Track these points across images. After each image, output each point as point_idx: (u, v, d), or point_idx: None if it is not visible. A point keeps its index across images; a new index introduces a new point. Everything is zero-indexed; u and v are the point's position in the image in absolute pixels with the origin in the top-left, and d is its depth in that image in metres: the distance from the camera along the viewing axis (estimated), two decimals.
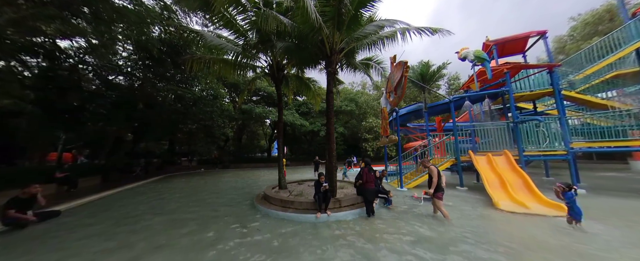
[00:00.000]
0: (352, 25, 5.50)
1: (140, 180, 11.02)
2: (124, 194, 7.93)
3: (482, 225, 4.19)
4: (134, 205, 6.15)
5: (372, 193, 4.97)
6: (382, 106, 9.49)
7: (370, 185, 4.97)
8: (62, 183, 7.84)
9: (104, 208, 5.84)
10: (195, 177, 13.31)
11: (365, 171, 5.08)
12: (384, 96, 9.36)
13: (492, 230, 3.96)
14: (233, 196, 7.23)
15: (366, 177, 5.00)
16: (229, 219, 4.73)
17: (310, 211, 4.78)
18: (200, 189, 8.88)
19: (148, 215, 5.12)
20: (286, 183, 7.13)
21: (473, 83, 9.09)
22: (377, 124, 21.44)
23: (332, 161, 5.59)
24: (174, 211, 5.37)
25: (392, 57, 8.42)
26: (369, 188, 4.93)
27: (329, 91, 5.85)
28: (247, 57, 7.11)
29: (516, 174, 6.52)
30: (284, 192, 6.54)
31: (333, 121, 5.78)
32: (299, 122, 20.27)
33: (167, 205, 6.06)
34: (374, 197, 5.08)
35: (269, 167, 22.21)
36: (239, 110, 18.32)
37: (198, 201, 6.52)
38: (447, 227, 4.07)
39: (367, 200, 4.81)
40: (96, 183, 9.75)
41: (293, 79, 9.61)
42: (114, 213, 5.25)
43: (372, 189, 4.98)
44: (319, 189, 4.75)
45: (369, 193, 4.90)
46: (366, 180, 4.98)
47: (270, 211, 4.99)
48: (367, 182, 4.97)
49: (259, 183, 10.46)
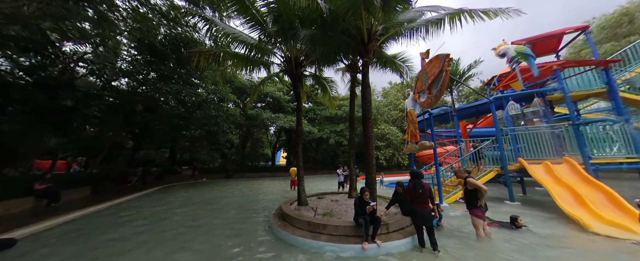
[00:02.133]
0: (398, 3, 4.53)
1: (136, 192, 9.84)
2: (113, 210, 6.76)
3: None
4: (119, 226, 4.97)
5: (426, 217, 3.46)
6: (409, 108, 8.44)
7: (422, 206, 3.52)
8: (41, 196, 6.69)
9: (80, 231, 4.65)
10: (197, 188, 12.10)
11: (410, 187, 3.68)
12: (411, 97, 8.31)
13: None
14: (244, 214, 6.03)
15: (413, 194, 3.60)
16: (242, 252, 3.54)
17: (351, 239, 3.59)
18: (202, 204, 7.68)
19: (132, 243, 3.94)
20: (307, 198, 5.93)
21: (514, 82, 8.04)
22: (390, 131, 20.33)
23: (372, 172, 4.45)
24: (165, 239, 4.19)
25: (425, 52, 7.46)
26: (421, 210, 3.50)
27: (365, 85, 4.83)
28: (262, 52, 6.18)
29: (592, 186, 5.30)
30: (306, 210, 5.34)
31: (371, 121, 4.70)
32: (307, 129, 19.20)
33: (160, 227, 4.87)
34: (428, 223, 3.46)
35: (275, 177, 20.96)
36: (244, 115, 17.34)
37: (199, 222, 5.34)
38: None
39: (418, 226, 3.54)
40: (85, 195, 8.58)
41: (309, 79, 8.68)
42: (89, 240, 4.07)
43: (425, 211, 3.49)
44: (363, 209, 3.57)
45: (421, 217, 3.47)
46: (415, 199, 3.57)
47: (294, 239, 3.80)
48: (417, 201, 3.54)
49: (269, 197, 9.22)
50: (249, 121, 17.59)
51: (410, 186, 3.70)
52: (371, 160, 4.51)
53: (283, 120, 17.35)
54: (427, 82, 6.94)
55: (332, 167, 26.02)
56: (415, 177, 3.69)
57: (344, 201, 6.39)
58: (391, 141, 20.87)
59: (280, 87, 20.43)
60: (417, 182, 3.60)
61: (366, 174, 4.53)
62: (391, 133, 20.46)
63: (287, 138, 25.69)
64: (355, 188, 7.21)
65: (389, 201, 4.44)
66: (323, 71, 8.39)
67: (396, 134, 20.86)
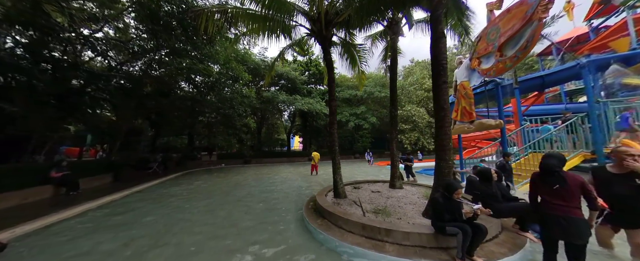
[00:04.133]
0: None
1: (157, 178, 9.53)
2: (132, 197, 6.28)
3: None
4: (135, 219, 4.32)
5: (572, 228, 1.96)
6: (461, 80, 6.83)
7: (565, 210, 2.00)
8: (59, 184, 6.34)
9: (88, 227, 4.03)
10: (216, 174, 11.70)
11: (536, 178, 2.22)
12: (465, 65, 6.67)
13: None
14: (269, 203, 5.20)
15: (544, 189, 2.14)
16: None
17: (430, 253, 2.51)
18: (224, 191, 7.02)
19: (145, 247, 3.18)
20: (344, 188, 4.89)
21: (616, 40, 6.00)
22: (417, 113, 18.44)
23: (447, 156, 3.20)
24: (186, 229, 3.41)
25: (495, 1, 5.69)
26: (564, 216, 1.99)
27: (436, 38, 3.39)
28: (283, 10, 4.84)
29: None
30: (347, 204, 4.33)
31: (446, 86, 3.34)
32: (326, 111, 17.95)
33: (180, 223, 4.13)
34: (575, 238, 1.96)
35: (293, 162, 20.44)
36: (259, 98, 16.34)
37: (224, 211, 4.57)
38: None
39: (552, 241, 2.11)
40: (105, 182, 8.33)
41: (337, 48, 7.23)
42: (96, 238, 3.40)
43: (572, 219, 1.97)
44: (454, 213, 2.41)
45: (563, 227, 1.97)
46: (552, 198, 2.08)
47: (346, 248, 2.79)
48: (555, 201, 2.05)
49: (293, 184, 8.41)
50: (264, 104, 16.63)
51: (537, 177, 2.23)
52: (446, 140, 3.22)
53: (301, 102, 16.15)
54: (496, 40, 5.28)
55: (350, 152, 24.99)
56: (553, 162, 2.09)
57: (387, 192, 5.31)
58: (417, 124, 19.08)
59: (295, 67, 18.98)
60: (555, 171, 2.05)
61: (438, 160, 3.29)
62: (418, 115, 18.60)
63: (302, 122, 24.71)
64: (401, 176, 6.06)
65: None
66: (355, 36, 6.87)
67: (422, 116, 18.96)
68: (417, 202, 4.40)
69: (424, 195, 4.95)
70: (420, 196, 4.86)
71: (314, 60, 22.74)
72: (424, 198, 4.66)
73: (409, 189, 5.67)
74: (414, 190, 5.56)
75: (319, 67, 22.24)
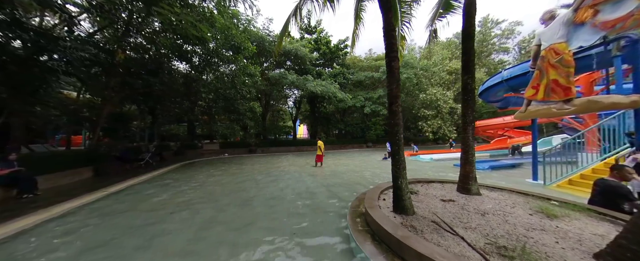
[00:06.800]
0: None
1: (148, 172, 7.97)
2: (100, 203, 4.63)
3: None
4: (100, 231, 2.67)
5: None
6: (551, 42, 4.72)
7: None
8: (7, 184, 4.74)
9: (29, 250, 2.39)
10: (219, 166, 10.12)
11: None
12: (561, 21, 4.46)
13: None
14: (289, 216, 3.51)
15: None
16: None
17: None
18: (230, 198, 5.39)
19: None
20: (411, 199, 3.10)
21: None
22: (442, 96, 16.24)
23: None
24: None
25: None
26: None
27: None
28: None
29: None
30: (423, 225, 2.57)
31: None
32: (340, 95, 15.86)
33: (161, 244, 2.46)
34: None
35: (301, 151, 18.86)
36: (265, 80, 14.28)
37: (227, 247, 2.90)
38: None
39: None
40: (80, 179, 6.76)
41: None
42: None
43: None
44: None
45: None
46: None
47: None
48: None
49: (319, 181, 6.73)
50: (271, 87, 14.60)
51: None
52: None
53: (312, 84, 14.05)
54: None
55: (361, 141, 23.19)
56: None
57: (464, 201, 3.56)
58: (440, 109, 16.95)
59: (304, 43, 16.64)
60: None
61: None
62: (443, 99, 16.39)
63: (310, 108, 22.71)
64: (471, 176, 4.21)
65: None
66: None
67: (447, 101, 16.77)
68: (547, 227, 2.63)
69: (537, 208, 3.15)
70: (533, 211, 3.09)
71: (322, 37, 20.22)
72: (543, 216, 2.88)
73: (494, 196, 3.89)
74: (504, 197, 3.78)
75: (329, 45, 19.78)
